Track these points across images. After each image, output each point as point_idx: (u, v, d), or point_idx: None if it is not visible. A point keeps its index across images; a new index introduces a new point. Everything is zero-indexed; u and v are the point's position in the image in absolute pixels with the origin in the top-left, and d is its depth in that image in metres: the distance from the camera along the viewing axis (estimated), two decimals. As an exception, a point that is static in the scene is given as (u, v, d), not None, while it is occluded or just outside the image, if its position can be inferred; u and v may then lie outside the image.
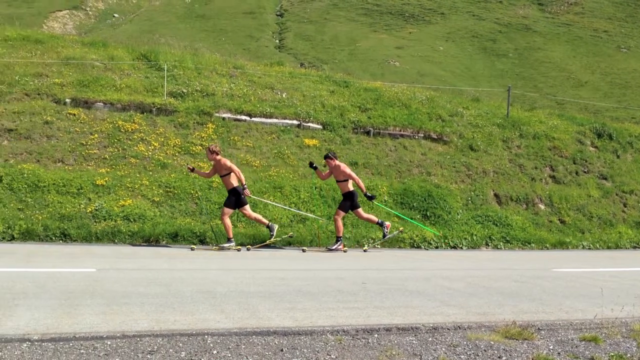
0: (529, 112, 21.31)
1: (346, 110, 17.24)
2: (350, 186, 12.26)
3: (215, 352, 4.88)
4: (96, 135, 14.10)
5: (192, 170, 12.16)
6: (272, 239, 11.92)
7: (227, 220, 11.52)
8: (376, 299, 7.15)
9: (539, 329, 6.11)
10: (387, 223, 12.64)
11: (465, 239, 14.07)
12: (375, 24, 62.94)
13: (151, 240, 11.75)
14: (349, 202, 12.24)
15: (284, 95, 17.32)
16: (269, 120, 16.13)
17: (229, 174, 11.55)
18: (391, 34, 60.02)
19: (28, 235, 11.08)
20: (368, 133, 16.78)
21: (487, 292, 8.08)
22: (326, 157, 12.54)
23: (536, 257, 13.32)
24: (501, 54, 57.41)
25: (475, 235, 14.27)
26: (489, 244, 14.39)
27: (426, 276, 9.28)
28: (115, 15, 62.51)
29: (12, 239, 10.98)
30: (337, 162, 12.38)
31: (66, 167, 13.14)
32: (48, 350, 4.61)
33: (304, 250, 11.88)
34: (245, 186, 11.62)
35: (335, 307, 6.60)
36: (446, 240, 13.85)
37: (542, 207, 16.69)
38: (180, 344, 4.98)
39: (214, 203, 13.10)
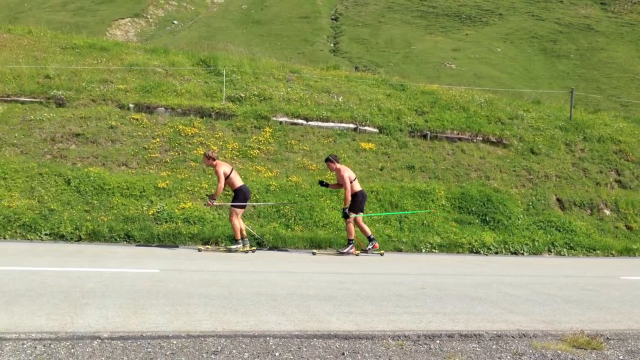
0: (593, 115, 20.62)
1: (403, 113, 17.12)
2: (356, 188, 11.99)
3: (277, 354, 4.91)
4: (158, 140, 14.47)
5: (211, 204, 11.69)
6: (236, 247, 11.36)
7: (235, 221, 11.36)
8: (436, 305, 7.05)
9: (607, 338, 5.90)
10: (376, 244, 12.15)
11: (526, 244, 13.72)
12: (431, 26, 62.31)
13: (210, 242, 11.94)
14: (358, 202, 11.98)
15: (340, 99, 17.34)
16: (325, 124, 16.18)
17: (230, 175, 11.44)
18: (447, 36, 59.30)
19: (94, 236, 11.46)
20: (425, 136, 16.60)
21: (552, 299, 7.84)
22: (327, 160, 12.29)
23: (602, 264, 12.85)
24: (562, 55, 55.86)
25: (537, 241, 13.89)
26: (552, 251, 13.98)
27: (487, 282, 9.09)
28: (175, 22, 64.13)
29: (80, 239, 11.39)
30: (338, 165, 12.16)
31: (130, 171, 13.53)
32: (117, 348, 4.74)
33: (314, 253, 11.67)
34: (213, 200, 11.37)
35: (395, 311, 6.55)
36: (506, 246, 13.54)
37: (607, 212, 16.09)
38: (243, 345, 5.04)
39: (272, 206, 13.21)
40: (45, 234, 11.33)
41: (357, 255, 11.78)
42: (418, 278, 9.21)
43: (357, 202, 11.90)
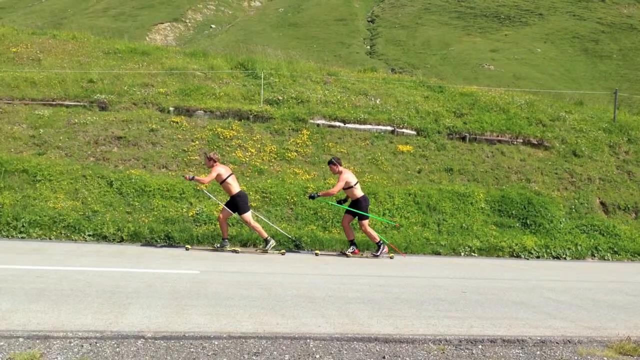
0: (637, 116, 20.05)
1: (441, 115, 16.96)
2: (358, 193, 11.87)
3: (317, 356, 4.92)
4: (197, 142, 14.65)
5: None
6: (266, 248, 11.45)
7: (254, 223, 11.45)
8: (478, 309, 6.95)
9: (656, 346, 5.72)
10: (357, 250, 11.91)
11: (568, 248, 13.42)
12: (469, 27, 61.60)
13: (248, 244, 12.03)
14: (361, 206, 11.75)
15: (377, 101, 17.29)
16: (362, 127, 16.14)
17: (226, 179, 11.45)
18: (485, 37, 58.53)
19: (135, 237, 11.66)
20: (464, 139, 16.41)
21: (596, 305, 7.66)
22: (330, 162, 12.11)
23: (648, 270, 12.49)
24: (604, 55, 54.54)
25: (580, 245, 13.57)
26: (595, 255, 13.64)
27: (529, 287, 8.92)
28: (212, 26, 64.90)
29: (121, 240, 11.60)
30: (340, 168, 12.02)
31: (170, 173, 13.74)
32: (161, 348, 4.82)
33: (316, 254, 11.55)
34: (192, 177, 11.35)
35: (436, 315, 6.48)
36: (548, 250, 13.27)
37: (653, 216, 15.62)
38: (284, 347, 5.06)
39: (309, 209, 13.23)
40: (89, 235, 11.58)
41: (361, 256, 11.71)
42: (458, 282, 9.10)
43: (361, 209, 11.75)
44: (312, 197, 11.89)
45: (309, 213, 13.15)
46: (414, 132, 16.31)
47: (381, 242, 11.83)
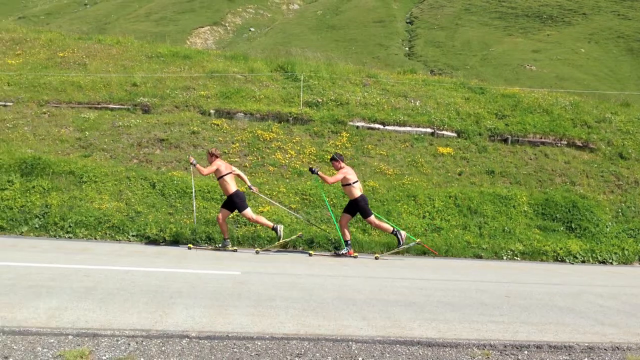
0: (687, 117, 19.37)
1: (482, 117, 16.73)
2: (356, 192, 11.64)
3: (360, 359, 4.90)
4: (237, 144, 14.80)
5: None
6: (279, 236, 11.45)
7: (256, 217, 11.45)
8: (522, 314, 6.82)
9: None
10: (349, 249, 11.68)
11: (615, 253, 13.05)
12: (510, 27, 60.60)
13: (288, 246, 12.07)
14: (360, 206, 11.58)
15: (417, 103, 17.16)
16: (402, 129, 16.05)
17: (224, 176, 11.42)
18: (527, 37, 57.45)
19: (177, 238, 11.83)
20: (506, 141, 16.15)
21: (647, 312, 7.42)
22: (332, 159, 11.93)
23: (700, 276, 12.05)
24: (651, 54, 52.89)
25: (627, 250, 13.19)
26: (643, 260, 13.24)
27: (575, 292, 8.71)
28: (252, 29, 65.47)
29: (164, 241, 11.79)
30: (342, 164, 11.82)
31: (211, 175, 13.86)
32: (205, 348, 4.87)
33: (310, 255, 11.41)
34: (195, 162, 11.57)
35: (479, 320, 6.39)
36: (594, 255, 12.94)
37: None
38: (326, 349, 5.06)
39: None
40: (132, 235, 11.81)
41: (356, 257, 11.49)
42: (501, 286, 8.95)
43: (361, 208, 11.57)
44: (312, 171, 11.75)
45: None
46: (454, 134, 16.13)
47: (396, 230, 11.62)
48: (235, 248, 11.54)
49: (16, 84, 16.42)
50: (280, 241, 11.53)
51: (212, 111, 15.73)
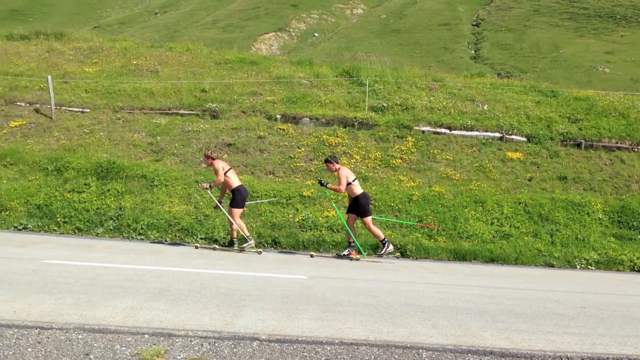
0: None
1: (553, 121, 16.21)
2: (357, 190, 11.25)
3: (431, 367, 4.82)
4: (303, 149, 14.91)
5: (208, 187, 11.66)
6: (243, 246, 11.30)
7: (239, 221, 11.25)
8: (600, 325, 6.54)
9: None
10: (354, 252, 11.36)
11: (698, 264, 12.35)
12: (582, 29, 58.53)
13: (350, 250, 12.04)
14: (361, 204, 11.21)
15: (485, 107, 16.81)
16: (469, 133, 15.76)
17: (226, 173, 11.19)
18: (599, 38, 55.33)
19: (244, 242, 12.00)
20: (579, 145, 15.58)
21: None
22: (326, 161, 11.57)
23: None
24: None
25: None
26: None
27: (656, 305, 8.29)
28: (315, 34, 65.95)
29: (231, 244, 11.99)
30: (337, 165, 11.48)
31: (276, 179, 14.07)
32: (275, 351, 4.91)
33: (312, 256, 11.16)
34: (208, 186, 11.36)
35: (554, 331, 6.16)
36: (675, 266, 12.28)
37: None
38: (396, 356, 5.00)
39: (414, 216, 13.06)
40: (201, 238, 12.09)
41: (357, 259, 11.22)
42: (576, 296, 8.62)
43: (362, 206, 11.23)
44: (322, 184, 11.53)
45: (415, 221, 12.97)
46: (524, 139, 15.70)
47: (386, 240, 11.30)
48: (240, 247, 11.39)
49: (93, 91, 17.15)
50: (235, 247, 11.37)
51: (278, 116, 15.93)
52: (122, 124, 15.74)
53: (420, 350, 5.18)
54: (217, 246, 11.58)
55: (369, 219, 11.28)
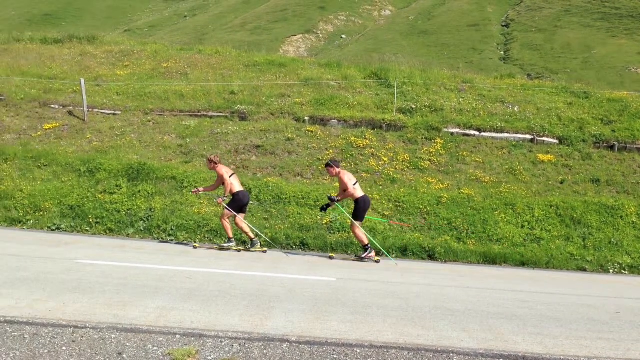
0: None
1: (586, 123, 15.93)
2: (357, 193, 11.05)
3: (462, 372, 4.77)
4: (331, 151, 14.90)
5: (197, 191, 11.79)
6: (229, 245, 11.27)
7: (226, 221, 11.21)
8: (634, 331, 6.41)
9: None
10: (372, 254, 11.14)
11: None
12: (614, 29, 57.45)
13: (381, 253, 11.98)
14: (358, 206, 11.02)
15: (515, 109, 16.60)
16: (499, 135, 15.57)
17: (230, 177, 11.17)
18: (632, 39, 54.20)
19: (272, 243, 12.06)
20: (612, 148, 15.28)
21: None
22: (327, 165, 11.41)
23: None
24: None
25: None
26: None
27: (693, 311, 8.08)
28: (343, 36, 65.92)
29: (260, 245, 12.05)
30: (337, 169, 11.30)
31: (305, 181, 14.08)
32: (305, 353, 4.91)
33: (331, 257, 11.05)
34: (224, 198, 11.21)
35: (587, 336, 6.06)
36: None
37: None
38: (426, 360, 4.97)
39: (443, 219, 12.96)
40: (228, 239, 12.14)
41: (377, 261, 11.02)
42: (609, 301, 8.45)
43: (358, 209, 11.10)
44: (332, 200, 11.32)
45: (443, 223, 12.87)
46: (555, 141, 15.46)
47: (369, 245, 11.13)
48: (239, 248, 11.38)
49: (124, 93, 17.40)
50: (257, 246, 11.37)
51: (306, 118, 15.96)
52: (153, 126, 15.93)
53: (452, 354, 5.14)
54: (216, 246, 11.66)
55: (357, 224, 11.20)
